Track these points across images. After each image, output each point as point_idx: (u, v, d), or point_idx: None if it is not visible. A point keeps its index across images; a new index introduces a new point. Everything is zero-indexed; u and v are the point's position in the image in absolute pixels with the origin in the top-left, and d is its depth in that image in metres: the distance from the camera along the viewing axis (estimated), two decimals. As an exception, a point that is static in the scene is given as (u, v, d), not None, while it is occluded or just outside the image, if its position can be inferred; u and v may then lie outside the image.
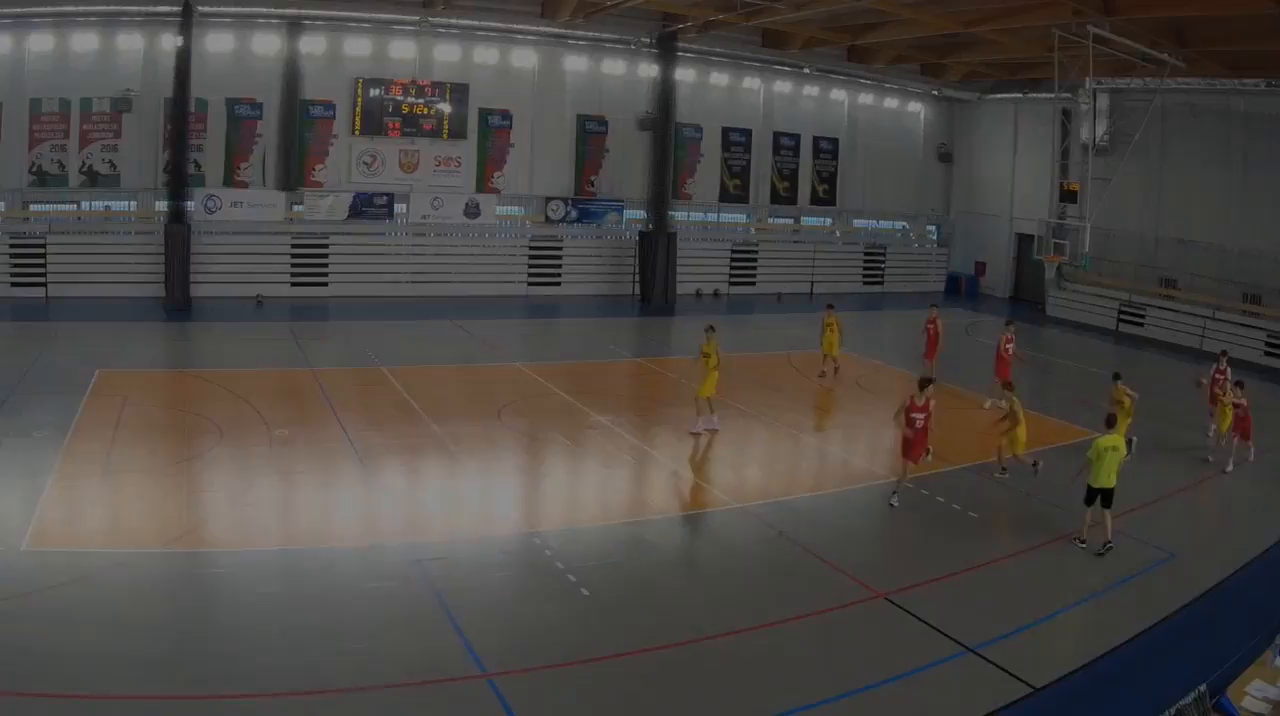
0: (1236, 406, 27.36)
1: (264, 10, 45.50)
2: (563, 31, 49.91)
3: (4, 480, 21.71)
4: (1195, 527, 23.73)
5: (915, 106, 63.22)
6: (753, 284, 58.32)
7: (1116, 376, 26.94)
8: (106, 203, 45.90)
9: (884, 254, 63.20)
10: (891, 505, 22.34)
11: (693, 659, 15.43)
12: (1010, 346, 32.66)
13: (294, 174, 47.75)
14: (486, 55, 50.52)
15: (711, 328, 28.67)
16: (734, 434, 28.26)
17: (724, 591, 18.19)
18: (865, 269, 62.51)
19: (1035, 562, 20.07)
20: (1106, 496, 20.37)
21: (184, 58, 43.04)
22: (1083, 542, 20.48)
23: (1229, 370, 29.65)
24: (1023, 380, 35.30)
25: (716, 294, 56.90)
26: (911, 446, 22.69)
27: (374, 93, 48.55)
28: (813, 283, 59.60)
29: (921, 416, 22.47)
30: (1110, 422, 21.26)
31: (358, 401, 29.86)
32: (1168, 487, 25.57)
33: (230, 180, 47.20)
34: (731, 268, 58.08)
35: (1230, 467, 27.24)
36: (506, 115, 51.62)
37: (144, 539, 18.79)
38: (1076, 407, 32.81)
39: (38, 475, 21.46)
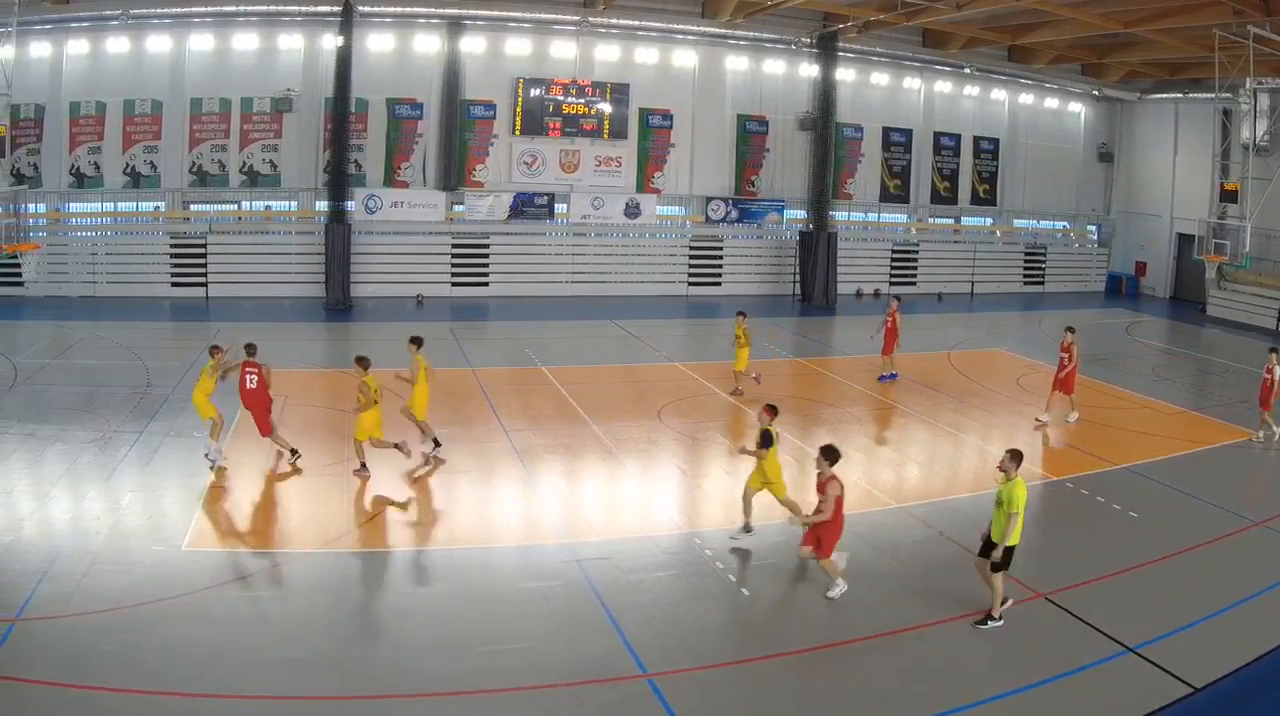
0: None
1: (424, 10, 43.41)
2: (723, 31, 46.94)
3: (164, 480, 20.67)
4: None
5: (1075, 106, 57.97)
6: (913, 284, 53.93)
7: (412, 342, 22.89)
8: (267, 203, 44.02)
9: (1044, 254, 58.02)
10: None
11: (852, 658, 14.61)
12: (1065, 356, 27.54)
13: (454, 174, 45.21)
14: (647, 55, 47.54)
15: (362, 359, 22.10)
16: (893, 433, 26.99)
17: (884, 591, 16.80)
18: (1026, 269, 57.51)
19: (1195, 562, 18.43)
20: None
21: (344, 58, 41.59)
22: (1000, 619, 15.53)
23: (1277, 369, 26.72)
24: (1176, 381, 34.28)
25: (877, 294, 52.63)
26: None
27: (534, 93, 45.60)
28: (973, 282, 55.17)
29: None
30: (1020, 460, 15.62)
31: (518, 401, 28.20)
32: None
33: (391, 180, 44.96)
34: (892, 267, 53.93)
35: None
36: (667, 115, 48.22)
37: (304, 539, 18.05)
38: (1237, 407, 30.23)
39: (197, 475, 20.64)
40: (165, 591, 15.24)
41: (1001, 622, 15.33)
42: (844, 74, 49.53)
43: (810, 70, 48.72)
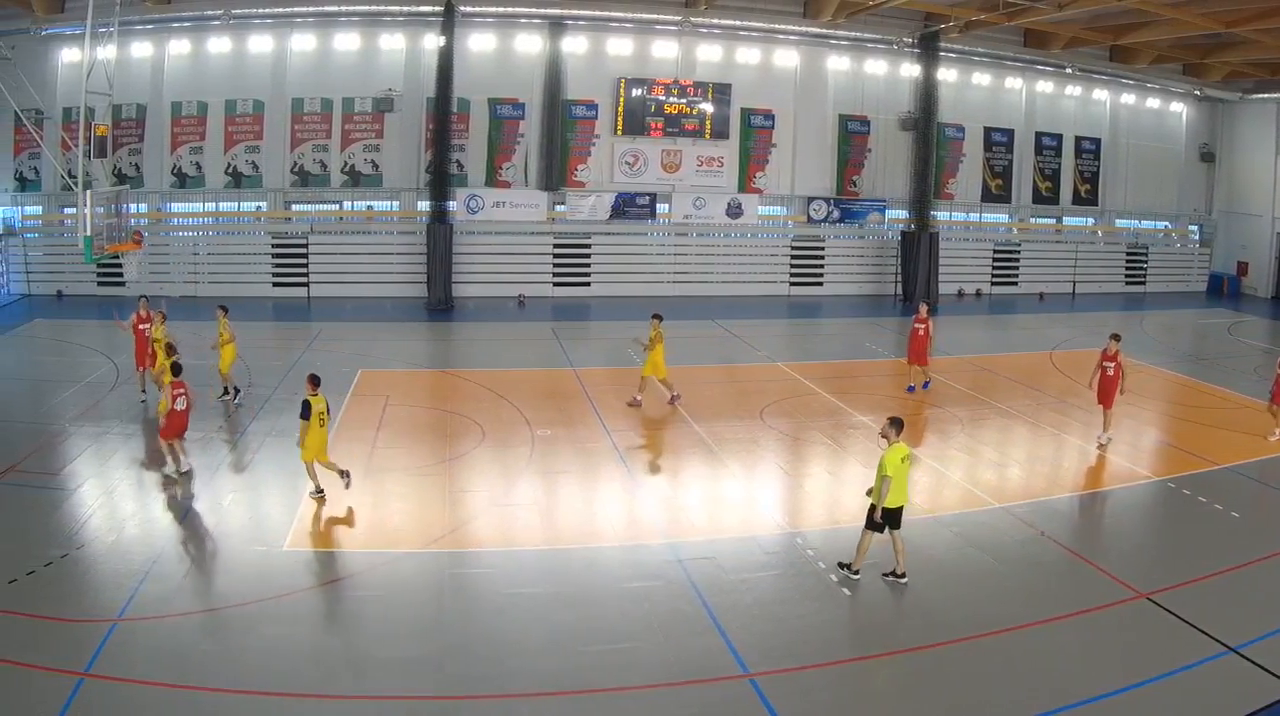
0: None
1: (526, 10, 40.84)
2: (825, 31, 43.71)
3: (266, 480, 20.11)
4: None
5: (1177, 106, 53.94)
6: (1015, 284, 50.62)
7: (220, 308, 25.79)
8: (369, 203, 41.80)
9: (1146, 254, 54.18)
10: None
11: (953, 659, 13.78)
12: (1111, 364, 23.68)
13: (556, 174, 42.58)
14: (748, 55, 44.45)
15: None
16: (995, 434, 25.24)
17: (985, 591, 15.98)
18: (1127, 269, 53.61)
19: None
20: (898, 516, 16.04)
21: (446, 58, 39.29)
22: (856, 573, 16.11)
23: None
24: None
25: (979, 294, 49.59)
26: None
27: (636, 93, 42.76)
28: (1074, 283, 51.64)
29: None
30: (900, 426, 15.94)
31: (619, 401, 26.69)
32: None
33: (492, 180, 42.45)
34: (994, 267, 50.57)
35: None
36: (769, 115, 45.10)
37: (406, 539, 17.32)
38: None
39: (300, 475, 19.32)
40: (266, 591, 14.88)
41: (859, 577, 15.72)
42: (945, 74, 46.22)
43: (912, 70, 45.53)
